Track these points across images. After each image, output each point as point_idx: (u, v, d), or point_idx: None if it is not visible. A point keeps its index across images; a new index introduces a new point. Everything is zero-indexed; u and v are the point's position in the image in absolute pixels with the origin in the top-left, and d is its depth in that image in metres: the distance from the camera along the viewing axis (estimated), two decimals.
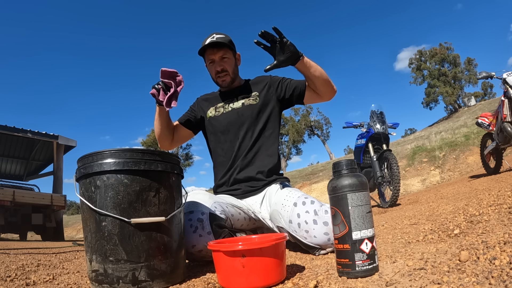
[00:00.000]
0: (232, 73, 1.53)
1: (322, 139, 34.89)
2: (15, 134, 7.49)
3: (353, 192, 0.79)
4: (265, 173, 1.48)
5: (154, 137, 29.08)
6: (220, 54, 1.48)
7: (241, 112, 1.50)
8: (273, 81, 1.57)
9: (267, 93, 1.54)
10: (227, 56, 1.50)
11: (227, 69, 1.51)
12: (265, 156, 1.50)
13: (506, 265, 0.64)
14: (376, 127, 3.82)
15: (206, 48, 1.48)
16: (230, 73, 1.52)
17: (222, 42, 1.46)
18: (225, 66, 1.51)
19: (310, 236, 1.17)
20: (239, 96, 1.55)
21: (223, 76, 1.51)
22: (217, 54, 1.48)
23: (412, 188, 7.49)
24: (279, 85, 1.55)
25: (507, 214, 1.18)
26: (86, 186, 0.96)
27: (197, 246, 1.18)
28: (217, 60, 1.49)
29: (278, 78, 1.58)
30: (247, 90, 1.57)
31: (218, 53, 1.48)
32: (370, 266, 0.77)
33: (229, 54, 1.51)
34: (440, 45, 32.36)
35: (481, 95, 37.92)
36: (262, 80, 1.59)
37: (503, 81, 3.63)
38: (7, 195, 6.36)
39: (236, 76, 1.57)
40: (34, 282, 1.31)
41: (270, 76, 1.60)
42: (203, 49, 1.49)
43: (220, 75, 1.51)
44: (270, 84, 1.56)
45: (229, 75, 1.52)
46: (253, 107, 1.51)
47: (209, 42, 1.46)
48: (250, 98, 1.53)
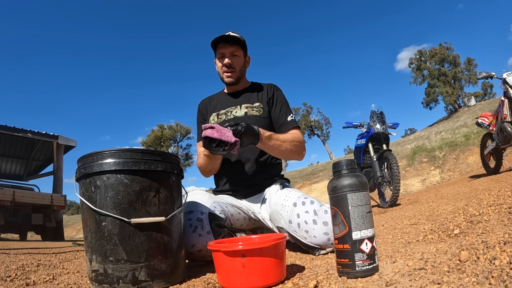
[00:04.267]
0: (238, 72, 1.52)
1: (322, 139, 34.91)
2: (15, 134, 7.49)
3: (353, 192, 0.79)
4: (266, 176, 1.49)
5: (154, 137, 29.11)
6: (231, 50, 1.48)
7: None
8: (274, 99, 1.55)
9: (268, 105, 1.53)
10: (237, 54, 1.50)
11: (234, 66, 1.50)
12: (268, 163, 1.50)
13: (506, 265, 0.64)
14: (376, 127, 3.82)
15: (219, 42, 1.48)
16: (237, 71, 1.52)
17: (235, 38, 1.46)
18: (234, 63, 1.50)
19: (310, 236, 1.17)
20: (243, 104, 1.53)
21: (230, 72, 1.50)
22: (229, 49, 1.48)
23: (412, 188, 7.49)
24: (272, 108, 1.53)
25: (507, 214, 1.18)
26: (86, 186, 0.96)
27: (197, 246, 1.18)
28: (227, 55, 1.49)
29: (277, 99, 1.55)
30: (251, 96, 1.55)
31: (230, 48, 1.48)
32: (370, 266, 0.77)
33: (239, 53, 1.51)
34: (440, 45, 32.36)
35: (481, 95, 37.95)
36: (267, 89, 1.57)
37: (503, 81, 3.63)
38: (7, 195, 6.36)
39: (242, 76, 1.56)
40: (34, 282, 1.31)
41: (275, 89, 1.57)
42: (216, 42, 1.48)
43: (227, 71, 1.50)
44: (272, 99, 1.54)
45: (236, 73, 1.51)
46: (255, 118, 1.48)
47: (223, 36, 1.45)
48: (254, 108, 1.51)
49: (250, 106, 1.52)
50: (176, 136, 30.45)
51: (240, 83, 1.55)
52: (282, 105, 1.54)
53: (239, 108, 1.52)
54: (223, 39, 1.47)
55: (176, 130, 30.27)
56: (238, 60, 1.51)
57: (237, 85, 1.56)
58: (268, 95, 1.54)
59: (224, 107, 1.55)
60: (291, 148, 1.38)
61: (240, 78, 1.54)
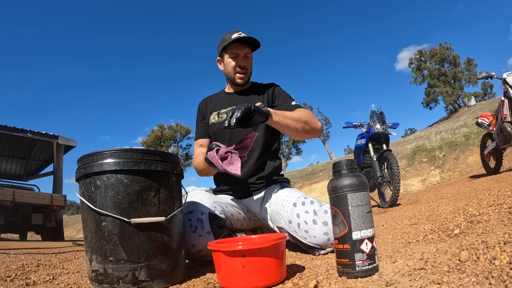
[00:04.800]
0: (249, 73, 1.54)
1: (322, 139, 34.90)
2: (15, 134, 7.48)
3: (353, 192, 0.79)
4: (265, 177, 1.48)
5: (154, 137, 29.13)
6: (246, 51, 1.48)
7: None
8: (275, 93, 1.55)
9: (269, 103, 1.53)
10: (249, 56, 1.51)
11: (247, 68, 1.51)
12: (268, 163, 1.50)
13: (506, 265, 0.64)
14: (376, 127, 3.82)
15: (234, 42, 1.46)
16: (249, 73, 1.53)
17: (252, 40, 1.45)
18: (247, 65, 1.51)
19: (310, 236, 1.17)
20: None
21: (243, 73, 1.51)
22: (244, 50, 1.48)
23: (412, 188, 7.49)
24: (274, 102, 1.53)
25: (507, 214, 1.18)
26: (86, 186, 0.96)
27: (197, 246, 1.18)
28: (242, 56, 1.49)
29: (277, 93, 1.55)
30: (252, 96, 1.55)
31: (245, 49, 1.48)
32: (370, 266, 0.77)
33: (251, 55, 1.52)
34: (440, 45, 32.39)
35: (481, 95, 37.95)
36: (267, 88, 1.57)
37: (503, 81, 3.63)
38: (7, 195, 6.35)
39: (250, 78, 1.58)
40: (34, 282, 1.31)
41: (274, 86, 1.58)
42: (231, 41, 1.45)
43: (240, 72, 1.50)
44: (272, 97, 1.54)
45: (248, 74, 1.52)
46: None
47: (240, 37, 1.44)
48: None
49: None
50: (176, 136, 30.48)
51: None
52: (283, 96, 1.54)
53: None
54: (239, 40, 1.45)
55: (176, 130, 30.30)
56: (250, 62, 1.52)
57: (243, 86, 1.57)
58: (268, 94, 1.54)
59: (225, 106, 1.55)
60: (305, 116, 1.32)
61: (249, 79, 1.56)
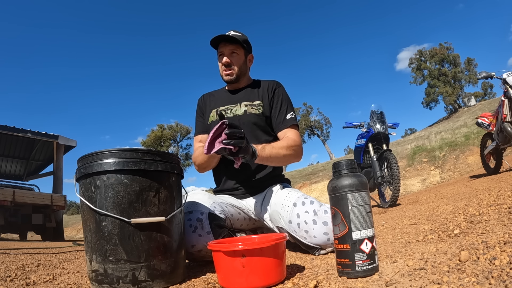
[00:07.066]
0: (238, 70, 1.51)
1: (322, 139, 34.91)
2: (15, 134, 7.49)
3: (353, 192, 0.79)
4: (266, 177, 1.48)
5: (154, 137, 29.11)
6: (230, 48, 1.48)
7: (242, 121, 1.46)
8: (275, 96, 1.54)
9: (269, 103, 1.52)
10: (236, 52, 1.50)
11: (233, 64, 1.50)
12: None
13: (506, 265, 0.64)
14: (376, 127, 3.82)
15: (219, 41, 1.48)
16: (236, 70, 1.50)
17: (234, 38, 1.46)
18: (232, 61, 1.49)
19: (310, 236, 1.17)
20: (242, 102, 1.52)
21: (228, 70, 1.50)
22: (228, 47, 1.48)
23: (412, 188, 7.49)
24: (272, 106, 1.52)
25: (507, 214, 1.18)
26: (86, 186, 0.96)
27: (197, 246, 1.18)
28: (226, 53, 1.49)
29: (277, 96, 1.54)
30: (252, 94, 1.54)
31: (229, 46, 1.48)
32: (370, 266, 0.77)
33: (239, 51, 1.50)
34: (440, 45, 32.35)
35: (481, 95, 37.94)
36: (269, 87, 1.55)
37: (503, 81, 3.63)
38: (7, 195, 6.36)
39: (243, 74, 1.54)
40: (34, 282, 1.31)
41: (276, 87, 1.56)
42: (216, 41, 1.48)
43: (226, 70, 1.50)
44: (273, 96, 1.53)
45: (234, 71, 1.50)
46: (255, 117, 1.47)
47: (221, 35, 1.46)
48: (253, 106, 1.49)
49: (250, 104, 1.51)
50: (176, 136, 30.45)
51: (241, 81, 1.55)
52: (282, 102, 1.52)
53: (239, 106, 1.52)
54: (222, 38, 1.47)
55: (176, 130, 30.27)
56: (237, 58, 1.50)
57: (238, 83, 1.55)
58: (269, 93, 1.53)
59: (224, 104, 1.55)
60: (289, 154, 1.37)
61: (240, 76, 1.53)
